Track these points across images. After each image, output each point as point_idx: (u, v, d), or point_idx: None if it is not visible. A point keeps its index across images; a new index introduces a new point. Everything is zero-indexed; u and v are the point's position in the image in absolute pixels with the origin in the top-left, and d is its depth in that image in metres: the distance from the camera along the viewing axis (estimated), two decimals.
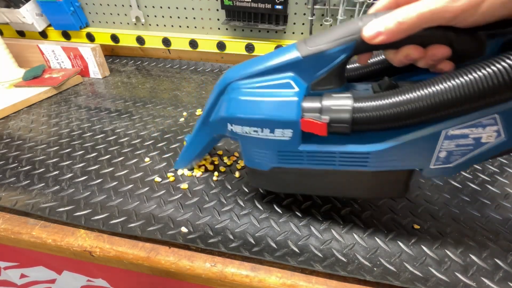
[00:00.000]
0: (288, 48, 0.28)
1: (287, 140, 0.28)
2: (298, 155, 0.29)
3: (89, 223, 0.35)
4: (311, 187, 0.33)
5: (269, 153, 0.30)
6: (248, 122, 0.29)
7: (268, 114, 0.27)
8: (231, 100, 0.30)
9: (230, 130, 0.31)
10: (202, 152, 0.39)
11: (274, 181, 0.34)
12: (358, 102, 0.25)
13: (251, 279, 0.30)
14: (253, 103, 0.28)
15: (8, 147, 0.48)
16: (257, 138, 0.29)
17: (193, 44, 0.79)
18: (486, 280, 0.29)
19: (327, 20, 0.69)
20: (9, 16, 0.78)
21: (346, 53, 0.25)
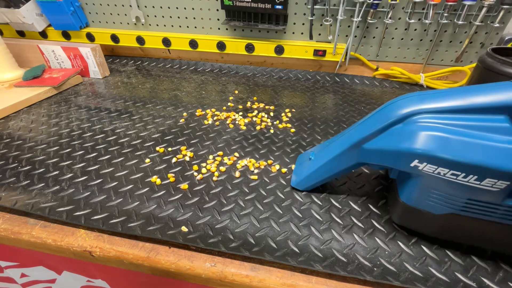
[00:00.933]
0: (504, 87, 0.24)
1: (494, 191, 0.25)
2: (494, 207, 0.26)
3: (89, 223, 0.35)
4: (485, 240, 0.30)
5: (456, 199, 0.27)
6: (451, 164, 0.25)
7: (487, 161, 0.24)
8: (428, 135, 0.26)
9: (414, 166, 0.27)
10: (334, 176, 0.36)
11: (440, 226, 0.30)
12: None
13: (251, 279, 0.30)
14: (464, 143, 0.24)
15: (8, 147, 0.48)
16: (450, 181, 0.26)
17: (193, 44, 0.79)
18: (486, 280, 0.29)
19: (327, 20, 0.69)
20: (9, 16, 0.78)
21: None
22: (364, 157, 0.32)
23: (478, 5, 0.61)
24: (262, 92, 0.68)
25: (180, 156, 0.46)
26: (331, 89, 0.71)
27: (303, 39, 0.75)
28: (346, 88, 0.72)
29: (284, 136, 0.52)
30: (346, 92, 0.69)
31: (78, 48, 0.70)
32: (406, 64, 0.73)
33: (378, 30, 0.70)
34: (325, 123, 0.56)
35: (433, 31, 0.68)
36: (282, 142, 0.50)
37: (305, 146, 0.49)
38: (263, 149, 0.48)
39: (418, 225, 0.32)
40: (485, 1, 0.59)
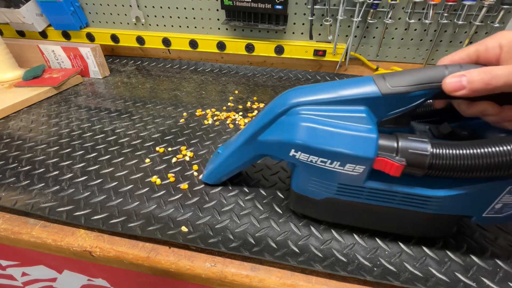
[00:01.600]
0: (365, 81, 0.27)
1: (355, 175, 0.28)
2: (359, 190, 0.29)
3: (89, 223, 0.35)
4: (361, 220, 0.33)
5: (329, 184, 0.30)
6: (317, 152, 0.28)
7: (345, 148, 0.26)
8: (296, 125, 0.28)
9: (292, 155, 0.29)
10: (238, 168, 0.37)
11: (322, 210, 0.34)
12: (436, 148, 0.25)
13: (251, 279, 0.30)
14: (328, 134, 0.27)
15: (8, 147, 0.48)
16: (321, 168, 0.28)
17: (193, 44, 0.79)
18: (486, 280, 0.29)
19: (327, 20, 0.69)
20: (9, 16, 0.78)
21: (425, 97, 0.26)
22: (260, 149, 0.33)
23: (478, 5, 0.61)
24: (262, 92, 0.68)
25: (180, 156, 0.46)
26: None
27: (303, 39, 0.75)
28: None
29: None
30: None
31: (78, 48, 0.70)
32: (406, 64, 0.73)
33: (378, 30, 0.70)
34: None
35: (433, 31, 0.68)
36: None
37: None
38: None
39: (307, 210, 0.35)
40: (485, 1, 0.59)
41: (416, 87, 0.25)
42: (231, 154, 0.36)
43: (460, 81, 0.23)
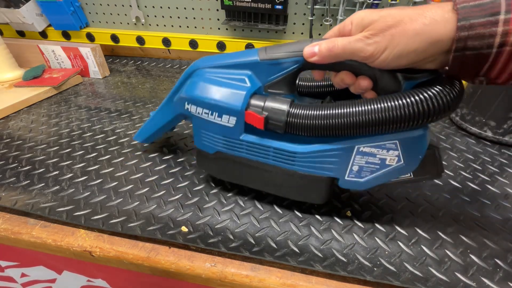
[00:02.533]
0: (252, 51, 0.32)
1: (231, 127, 0.32)
2: (239, 143, 0.33)
3: (89, 223, 0.35)
4: (247, 178, 0.36)
5: (215, 137, 0.34)
6: (202, 103, 0.32)
7: (219, 100, 0.31)
8: (193, 82, 0.33)
9: (186, 108, 0.34)
10: (162, 128, 0.42)
11: (216, 166, 0.37)
12: (294, 108, 0.29)
13: (251, 279, 0.30)
14: (210, 88, 0.32)
15: (8, 147, 0.48)
16: (206, 120, 0.33)
17: (193, 44, 0.79)
18: (486, 280, 0.29)
19: (327, 20, 0.69)
20: (9, 16, 0.78)
21: (296, 65, 0.30)
22: (176, 109, 0.38)
23: None
24: None
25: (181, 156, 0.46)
26: None
27: None
28: None
29: None
30: None
31: (78, 48, 0.70)
32: None
33: None
34: None
35: None
36: None
37: None
38: None
39: (206, 166, 0.39)
40: None
41: (286, 55, 0.30)
42: (155, 115, 0.42)
43: (313, 49, 0.28)
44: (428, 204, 0.38)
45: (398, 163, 0.29)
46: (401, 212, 0.37)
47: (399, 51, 0.24)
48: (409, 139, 0.27)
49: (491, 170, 0.44)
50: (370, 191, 0.40)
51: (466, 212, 0.37)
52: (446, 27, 0.22)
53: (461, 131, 0.53)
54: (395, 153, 0.28)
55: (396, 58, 0.24)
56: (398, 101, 0.25)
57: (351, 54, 0.26)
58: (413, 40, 0.23)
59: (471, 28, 0.21)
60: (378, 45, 0.24)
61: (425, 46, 0.23)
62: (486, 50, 0.21)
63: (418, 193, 0.40)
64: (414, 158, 0.28)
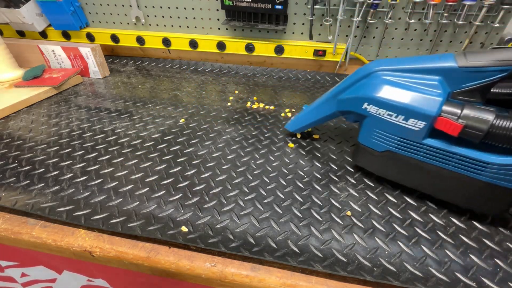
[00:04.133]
0: (447, 56, 0.31)
1: (416, 130, 0.32)
2: (418, 146, 0.33)
3: (89, 223, 0.35)
4: (415, 180, 0.36)
5: (390, 137, 0.35)
6: (386, 105, 0.33)
7: (409, 104, 0.31)
8: (374, 83, 0.34)
9: (364, 108, 0.35)
10: (317, 122, 0.45)
11: (380, 163, 0.38)
12: (500, 120, 0.28)
13: (251, 279, 0.30)
14: (398, 90, 0.32)
15: (8, 147, 0.48)
16: (386, 121, 0.34)
17: (193, 44, 0.79)
18: (486, 280, 0.29)
19: (327, 20, 0.69)
20: (9, 16, 0.78)
21: (502, 74, 0.28)
22: (338, 106, 0.40)
23: (478, 5, 0.61)
24: (262, 92, 0.68)
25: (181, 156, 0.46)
26: None
27: (303, 39, 0.75)
28: None
29: (284, 136, 0.52)
30: None
31: (78, 48, 0.70)
32: None
33: (378, 30, 0.70)
34: (325, 123, 0.56)
35: (433, 31, 0.68)
36: (282, 142, 0.50)
37: (305, 146, 0.49)
38: (263, 149, 0.48)
39: (367, 163, 0.40)
40: (485, 1, 0.59)
41: (493, 63, 0.28)
42: (313, 109, 0.45)
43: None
44: (428, 203, 0.38)
45: None
46: (402, 212, 0.37)
47: None
48: None
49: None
50: (369, 191, 0.40)
51: (466, 212, 0.37)
52: None
53: None
54: None
55: None
56: None
57: None
58: None
59: None
60: None
61: None
62: None
63: (418, 193, 0.40)
64: None
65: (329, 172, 0.43)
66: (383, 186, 0.41)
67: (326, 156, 0.47)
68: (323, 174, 0.43)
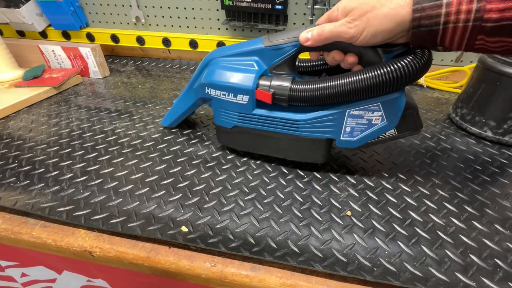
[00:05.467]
0: (257, 40, 0.38)
1: (245, 104, 0.39)
2: (252, 117, 0.40)
3: (89, 223, 0.35)
4: (261, 146, 0.43)
5: (232, 114, 0.41)
6: (219, 87, 0.39)
7: (234, 83, 0.38)
8: (211, 70, 0.40)
9: (207, 92, 0.41)
10: (185, 112, 0.49)
11: (233, 138, 0.44)
12: (295, 84, 0.36)
13: (251, 279, 0.30)
14: (225, 74, 0.39)
15: (8, 147, 0.48)
16: (224, 100, 0.40)
17: (193, 44, 0.79)
18: (486, 280, 0.29)
19: None
20: (9, 16, 0.78)
21: (295, 49, 0.36)
22: (196, 94, 0.44)
23: None
24: None
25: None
26: None
27: None
28: None
29: None
30: None
31: (78, 48, 0.70)
32: None
33: None
34: None
35: None
36: None
37: None
38: None
39: (225, 140, 0.46)
40: None
41: (286, 40, 0.36)
42: (179, 101, 0.49)
43: (307, 35, 0.34)
44: (428, 203, 0.38)
45: (382, 122, 0.35)
46: (402, 212, 0.37)
47: (374, 31, 0.29)
48: (389, 101, 0.33)
49: (491, 170, 0.44)
50: (369, 191, 0.40)
51: (466, 212, 0.37)
52: (406, 10, 0.28)
53: (461, 131, 0.53)
54: (379, 113, 0.35)
55: (372, 37, 0.30)
56: (378, 70, 0.31)
57: (337, 37, 0.32)
58: (383, 21, 0.29)
59: (423, 10, 0.27)
60: (358, 28, 0.30)
61: (393, 26, 0.29)
62: (435, 27, 0.27)
63: (418, 194, 0.40)
64: (394, 116, 0.34)
65: (329, 172, 0.43)
66: (383, 186, 0.41)
67: None
68: (323, 174, 0.43)
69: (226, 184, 0.41)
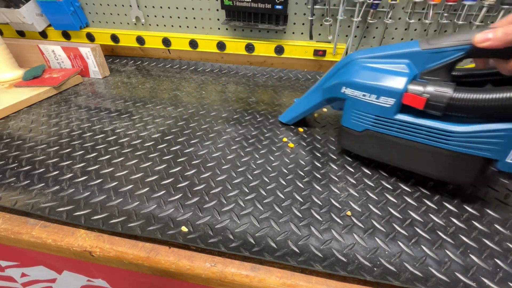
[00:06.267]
0: (411, 43, 0.35)
1: (387, 107, 0.35)
2: (391, 122, 0.36)
3: (89, 223, 0.35)
4: (392, 156, 0.39)
5: (367, 116, 0.38)
6: (361, 87, 0.37)
7: (380, 84, 0.35)
8: (351, 70, 0.38)
9: (343, 92, 0.39)
10: (307, 111, 0.50)
11: (360, 143, 0.42)
12: (458, 91, 0.30)
13: (251, 279, 0.30)
14: (370, 73, 0.36)
15: (8, 147, 0.48)
16: (362, 101, 0.37)
17: (193, 44, 0.79)
18: (486, 280, 0.29)
19: (327, 20, 0.69)
20: (9, 16, 0.78)
21: (460, 53, 0.31)
22: (323, 94, 0.44)
23: (478, 5, 0.61)
24: (262, 92, 0.68)
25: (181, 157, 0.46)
26: None
27: (303, 39, 0.75)
28: None
29: (284, 136, 0.52)
30: None
31: (78, 48, 0.70)
32: None
33: (378, 30, 0.70)
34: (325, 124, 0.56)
35: (433, 31, 0.68)
36: (282, 143, 0.50)
37: (305, 146, 0.49)
38: (263, 149, 0.48)
39: (350, 144, 0.44)
40: (485, 1, 0.59)
41: (452, 43, 0.31)
42: (302, 100, 0.50)
43: (486, 34, 0.29)
44: (428, 203, 0.38)
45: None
46: (402, 212, 0.37)
47: None
48: None
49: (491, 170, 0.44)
50: (369, 191, 0.40)
51: (466, 212, 0.37)
52: None
53: None
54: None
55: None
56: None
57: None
58: None
59: None
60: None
61: None
62: None
63: (418, 194, 0.40)
64: None
65: (329, 172, 0.43)
66: (383, 186, 0.41)
67: (326, 156, 0.47)
68: (323, 174, 0.43)
69: (226, 184, 0.41)
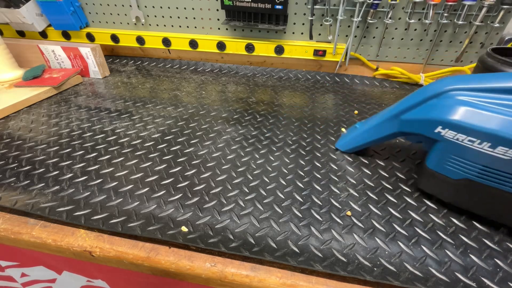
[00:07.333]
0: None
1: (505, 159, 0.28)
2: (507, 176, 0.29)
3: (89, 223, 0.35)
4: (493, 210, 0.32)
5: (471, 165, 0.30)
6: (468, 131, 0.29)
7: (500, 130, 0.27)
8: (450, 105, 0.30)
9: (437, 132, 0.32)
10: (375, 142, 0.42)
11: (455, 191, 0.34)
12: None
13: (251, 279, 0.30)
14: (482, 114, 0.28)
15: (8, 147, 0.48)
16: (467, 147, 0.30)
17: (193, 44, 0.79)
18: (486, 280, 0.29)
19: (327, 20, 0.69)
20: (9, 16, 0.78)
21: None
22: (401, 127, 0.37)
23: (478, 5, 0.61)
24: (262, 92, 0.68)
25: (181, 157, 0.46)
26: (331, 89, 0.71)
27: (303, 39, 0.75)
28: (346, 88, 0.72)
29: (284, 136, 0.52)
30: (346, 92, 0.69)
31: (78, 48, 0.70)
32: (406, 64, 0.73)
33: (378, 30, 0.70)
34: (325, 123, 0.56)
35: (433, 31, 0.68)
36: (282, 143, 0.50)
37: (305, 146, 0.49)
38: (263, 149, 0.48)
39: (436, 189, 0.36)
40: (485, 1, 0.59)
41: None
42: (370, 128, 0.42)
43: None
44: (428, 203, 0.38)
45: None
46: (402, 212, 0.37)
47: None
48: None
49: None
50: (369, 191, 0.40)
51: (466, 212, 0.37)
52: None
53: None
54: None
55: None
56: None
57: None
58: None
59: None
60: None
61: None
62: None
63: (418, 194, 0.40)
64: None
65: (329, 172, 0.43)
66: (383, 186, 0.41)
67: (326, 156, 0.47)
68: (323, 174, 0.43)
69: (226, 184, 0.41)
